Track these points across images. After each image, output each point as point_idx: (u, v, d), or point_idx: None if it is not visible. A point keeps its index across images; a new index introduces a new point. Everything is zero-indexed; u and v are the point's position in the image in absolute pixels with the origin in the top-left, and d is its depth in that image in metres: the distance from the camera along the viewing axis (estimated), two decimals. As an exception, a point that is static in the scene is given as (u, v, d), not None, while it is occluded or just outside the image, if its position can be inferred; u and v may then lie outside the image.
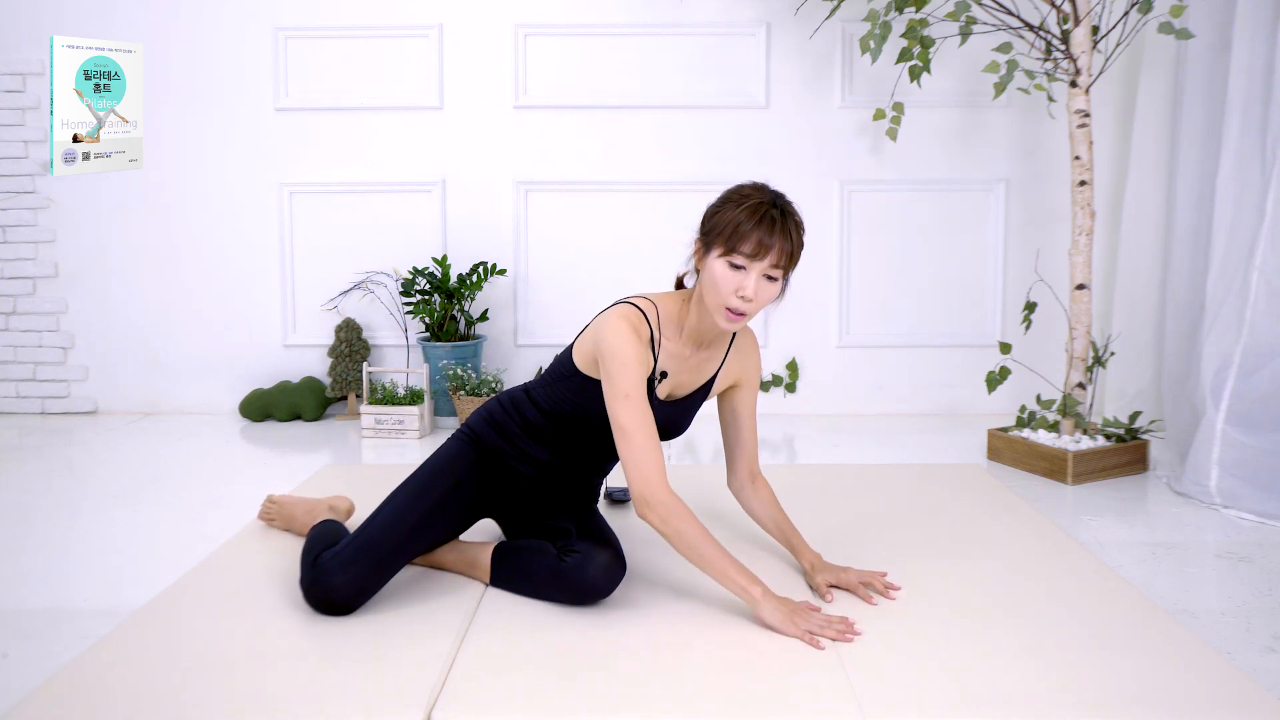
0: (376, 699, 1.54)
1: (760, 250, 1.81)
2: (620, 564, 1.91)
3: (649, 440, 1.81)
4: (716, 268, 1.84)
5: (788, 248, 1.84)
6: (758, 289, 1.83)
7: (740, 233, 1.82)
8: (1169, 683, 1.59)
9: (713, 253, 1.85)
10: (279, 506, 2.39)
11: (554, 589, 1.90)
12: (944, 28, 3.72)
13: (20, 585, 2.22)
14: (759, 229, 1.82)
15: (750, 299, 1.83)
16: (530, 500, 2.09)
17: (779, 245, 1.83)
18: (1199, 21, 3.30)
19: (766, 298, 1.86)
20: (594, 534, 1.97)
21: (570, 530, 1.99)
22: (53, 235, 4.07)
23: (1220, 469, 2.86)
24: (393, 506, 1.95)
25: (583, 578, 1.87)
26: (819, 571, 2.02)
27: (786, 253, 1.84)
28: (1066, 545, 2.25)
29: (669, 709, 1.52)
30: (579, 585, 1.87)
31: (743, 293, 1.82)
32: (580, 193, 4.06)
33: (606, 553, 1.90)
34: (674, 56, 3.99)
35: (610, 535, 2.01)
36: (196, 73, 4.01)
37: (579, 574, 1.87)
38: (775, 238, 1.82)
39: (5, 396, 4.13)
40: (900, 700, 1.54)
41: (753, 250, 1.81)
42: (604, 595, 1.89)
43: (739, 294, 1.83)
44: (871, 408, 4.09)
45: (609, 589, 1.89)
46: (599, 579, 1.87)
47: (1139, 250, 3.72)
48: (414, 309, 3.88)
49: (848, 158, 4.01)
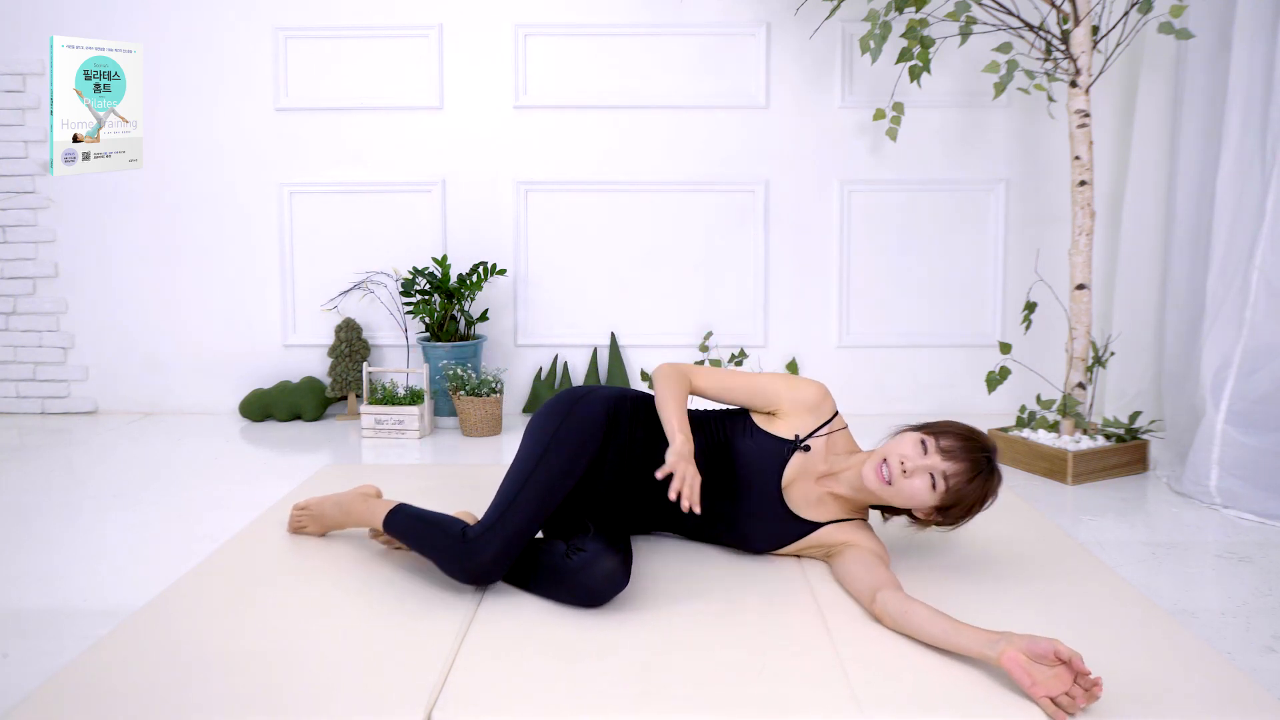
0: (376, 699, 1.53)
1: (954, 453, 1.84)
2: (624, 573, 1.87)
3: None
4: (908, 436, 1.89)
5: (969, 484, 1.85)
6: (917, 469, 1.84)
7: (950, 432, 1.88)
8: (1169, 683, 1.59)
9: (916, 434, 1.90)
10: (309, 511, 2.31)
11: (553, 585, 1.88)
12: (944, 28, 3.72)
13: (20, 585, 2.22)
14: (966, 451, 1.85)
15: (907, 471, 1.84)
16: (618, 480, 2.10)
17: (965, 469, 1.84)
18: (1199, 21, 3.30)
19: (917, 488, 1.85)
20: (608, 537, 1.94)
21: (589, 528, 1.97)
22: (53, 235, 4.07)
23: (1220, 469, 2.86)
24: (528, 471, 1.96)
25: (584, 579, 1.84)
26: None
27: (963, 480, 1.84)
28: (1066, 545, 2.25)
29: (669, 709, 1.52)
30: (578, 586, 1.84)
31: (906, 462, 1.84)
32: (580, 193, 4.06)
33: (614, 560, 1.86)
34: (674, 56, 3.99)
35: (624, 544, 1.96)
36: (196, 73, 4.01)
37: (582, 575, 1.84)
38: (967, 462, 1.85)
39: (5, 396, 4.13)
40: (900, 700, 1.53)
41: (948, 447, 1.85)
42: (601, 602, 1.85)
43: (903, 459, 1.85)
44: (871, 408, 4.09)
45: (607, 595, 1.85)
46: (600, 583, 1.83)
47: (1139, 250, 3.72)
48: (414, 309, 3.88)
49: (848, 158, 4.01)
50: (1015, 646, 1.53)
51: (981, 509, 1.91)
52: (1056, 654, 1.49)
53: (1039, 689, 1.49)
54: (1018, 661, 1.51)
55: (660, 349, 4.10)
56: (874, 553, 1.96)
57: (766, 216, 4.03)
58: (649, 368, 4.09)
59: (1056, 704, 1.47)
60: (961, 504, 1.87)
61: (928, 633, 1.67)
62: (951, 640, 1.63)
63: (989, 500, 1.90)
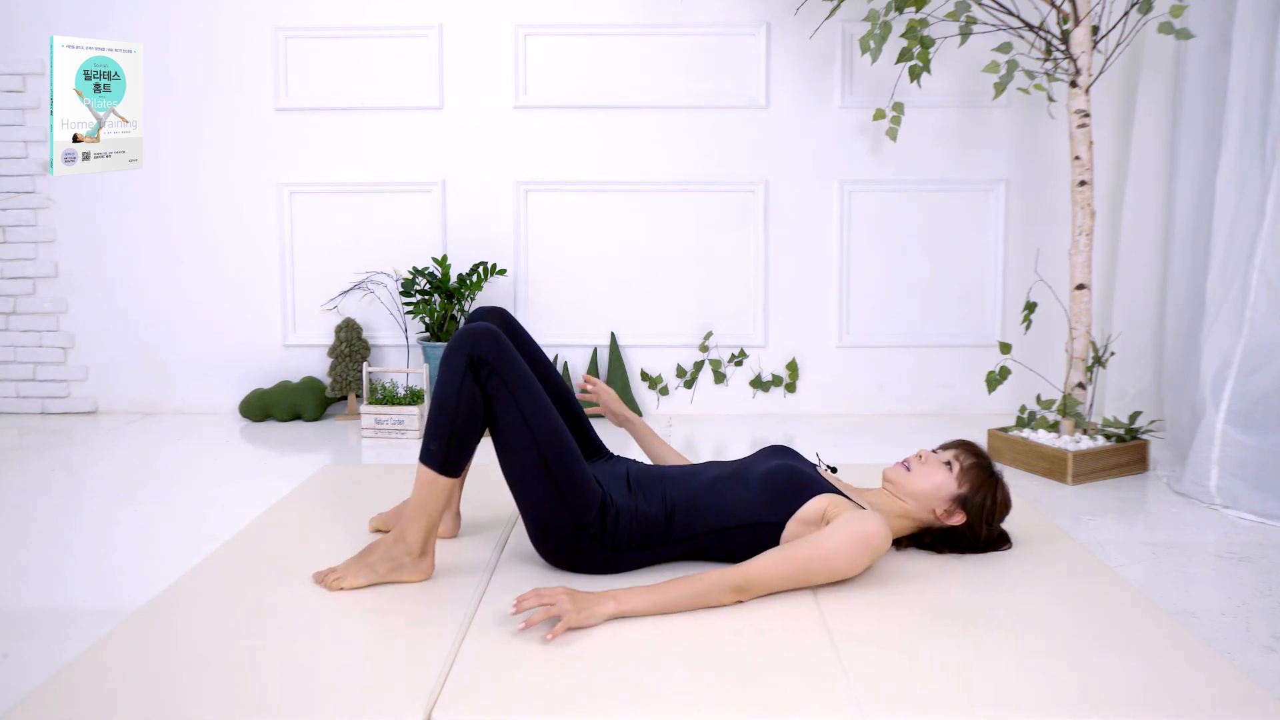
0: (376, 699, 1.53)
1: (965, 449, 2.10)
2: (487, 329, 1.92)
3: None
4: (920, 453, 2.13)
5: (980, 469, 2.08)
6: (932, 458, 2.08)
7: (957, 444, 2.15)
8: (1169, 683, 1.59)
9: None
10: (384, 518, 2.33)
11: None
12: (944, 28, 3.72)
13: (20, 585, 2.22)
14: (975, 452, 2.11)
15: (924, 459, 2.08)
16: None
17: (977, 459, 2.09)
18: (1199, 21, 3.30)
19: (934, 470, 2.06)
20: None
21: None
22: (53, 235, 4.07)
23: (1220, 469, 2.86)
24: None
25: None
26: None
27: (975, 464, 2.08)
28: (1066, 545, 2.25)
29: (669, 709, 1.52)
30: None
31: (924, 454, 2.09)
32: (580, 193, 4.06)
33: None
34: (674, 56, 3.99)
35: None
36: (196, 73, 4.01)
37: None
38: (977, 457, 2.10)
39: (5, 396, 4.13)
40: (900, 700, 1.53)
41: (956, 446, 2.13)
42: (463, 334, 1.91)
43: (920, 452, 2.10)
44: (871, 408, 4.09)
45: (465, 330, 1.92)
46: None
47: (1139, 250, 3.72)
48: (414, 309, 3.88)
49: (848, 158, 4.01)
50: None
51: (998, 512, 2.09)
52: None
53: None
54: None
55: (660, 349, 4.10)
56: (814, 539, 1.89)
57: (766, 216, 4.04)
58: (649, 368, 4.09)
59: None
60: (977, 493, 2.05)
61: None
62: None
63: (1002, 499, 2.09)
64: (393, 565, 1.96)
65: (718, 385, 4.10)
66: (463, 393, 1.89)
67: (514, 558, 2.14)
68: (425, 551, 1.97)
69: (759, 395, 4.10)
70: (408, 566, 1.96)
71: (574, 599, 1.76)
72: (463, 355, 1.89)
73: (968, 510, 2.06)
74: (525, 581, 1.99)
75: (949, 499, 2.05)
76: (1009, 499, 2.12)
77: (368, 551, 1.99)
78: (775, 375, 4.08)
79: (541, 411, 1.92)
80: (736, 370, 4.10)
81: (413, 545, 1.96)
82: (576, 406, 2.24)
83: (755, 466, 2.08)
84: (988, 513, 2.07)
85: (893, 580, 2.01)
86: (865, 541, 1.86)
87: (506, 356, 1.91)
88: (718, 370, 4.06)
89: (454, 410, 1.90)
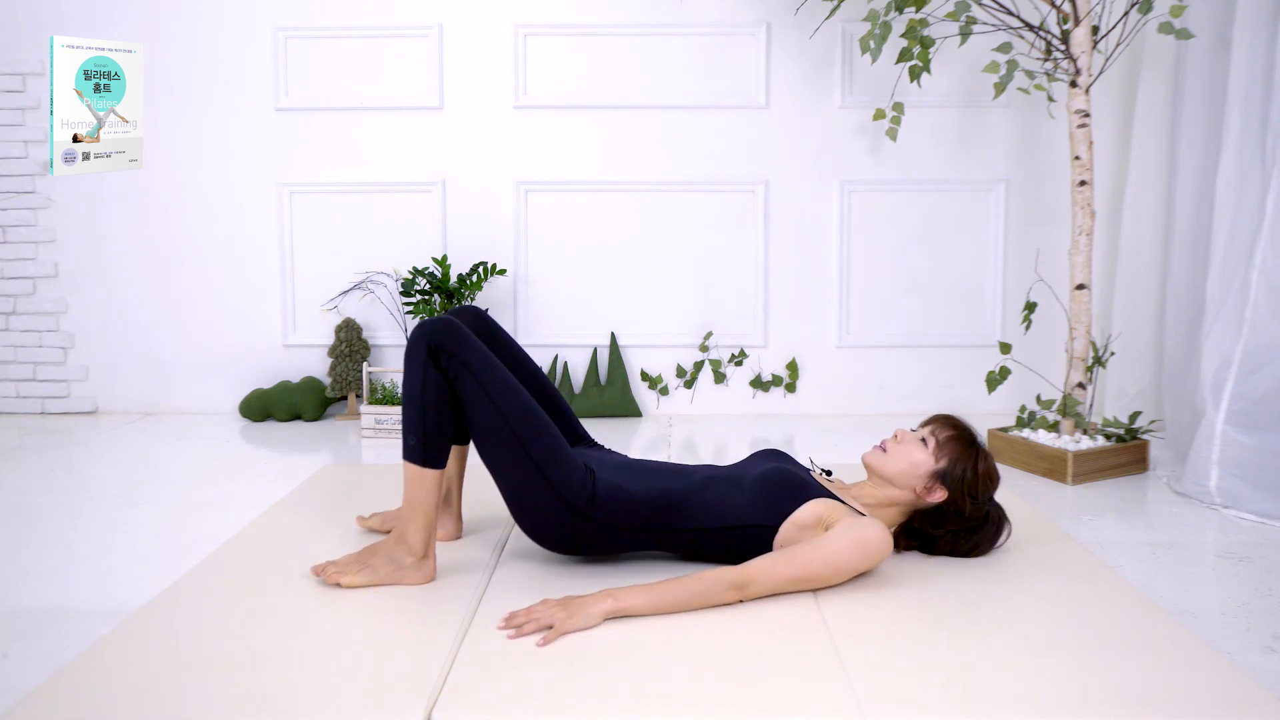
0: (376, 699, 1.53)
1: (940, 422, 2.08)
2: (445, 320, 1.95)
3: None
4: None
5: (958, 441, 2.04)
6: (909, 437, 2.06)
7: (933, 419, 2.12)
8: (1169, 683, 1.59)
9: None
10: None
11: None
12: (944, 28, 3.72)
13: (20, 585, 2.22)
14: (952, 423, 2.09)
15: (899, 438, 2.06)
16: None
17: (953, 432, 2.06)
18: (1199, 21, 3.30)
19: (911, 449, 2.04)
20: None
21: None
22: (53, 235, 4.07)
23: (1220, 469, 2.86)
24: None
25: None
26: None
27: (952, 436, 2.05)
28: (1066, 545, 2.25)
29: (669, 709, 1.52)
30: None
31: (899, 434, 2.08)
32: (580, 193, 4.06)
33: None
34: (674, 56, 3.99)
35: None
36: (196, 73, 4.01)
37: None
38: (955, 429, 2.07)
39: (5, 396, 4.13)
40: (900, 700, 1.53)
41: (932, 421, 2.11)
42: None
43: (896, 433, 2.09)
44: (871, 408, 4.09)
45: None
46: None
47: (1139, 250, 3.72)
48: (414, 309, 3.88)
49: (848, 158, 4.01)
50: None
51: (981, 485, 2.02)
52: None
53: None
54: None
55: (660, 349, 4.10)
56: (811, 545, 1.88)
57: (766, 216, 4.03)
58: (649, 368, 4.09)
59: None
60: (956, 466, 2.00)
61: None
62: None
63: (984, 470, 2.03)
64: (395, 567, 1.96)
65: (718, 385, 4.10)
66: (427, 382, 1.91)
67: (514, 558, 2.14)
68: (427, 553, 1.97)
69: (759, 395, 4.10)
70: (410, 569, 1.96)
71: (565, 606, 1.76)
72: (421, 345, 1.91)
73: (948, 485, 2.00)
74: (525, 581, 1.99)
75: (928, 475, 2.01)
76: (993, 470, 2.04)
77: (369, 552, 1.99)
78: (775, 375, 4.08)
79: (509, 390, 1.93)
80: (736, 370, 4.10)
81: (414, 545, 1.96)
82: (560, 400, 2.21)
83: (749, 470, 2.07)
84: (969, 485, 2.00)
85: (893, 581, 2.01)
86: (867, 547, 1.87)
87: (463, 340, 1.92)
88: (718, 370, 4.06)
89: (421, 400, 1.92)
